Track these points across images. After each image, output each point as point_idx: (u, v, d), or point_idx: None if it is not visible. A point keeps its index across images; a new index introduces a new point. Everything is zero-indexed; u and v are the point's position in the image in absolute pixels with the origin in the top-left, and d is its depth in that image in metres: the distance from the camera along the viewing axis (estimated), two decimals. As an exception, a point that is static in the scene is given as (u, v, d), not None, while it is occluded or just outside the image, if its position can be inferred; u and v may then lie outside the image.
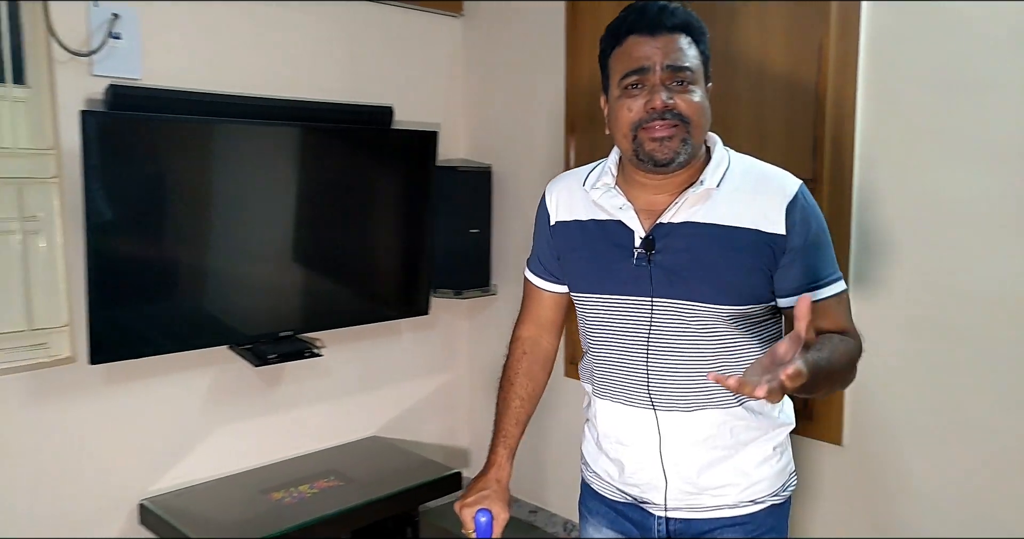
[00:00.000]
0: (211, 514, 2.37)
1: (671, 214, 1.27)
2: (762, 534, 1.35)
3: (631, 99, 1.22)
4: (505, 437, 1.45)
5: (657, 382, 1.30)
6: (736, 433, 1.32)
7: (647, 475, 1.35)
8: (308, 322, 2.69)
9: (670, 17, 1.22)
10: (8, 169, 2.20)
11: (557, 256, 1.42)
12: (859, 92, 2.07)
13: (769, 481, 1.36)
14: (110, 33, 2.27)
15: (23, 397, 2.25)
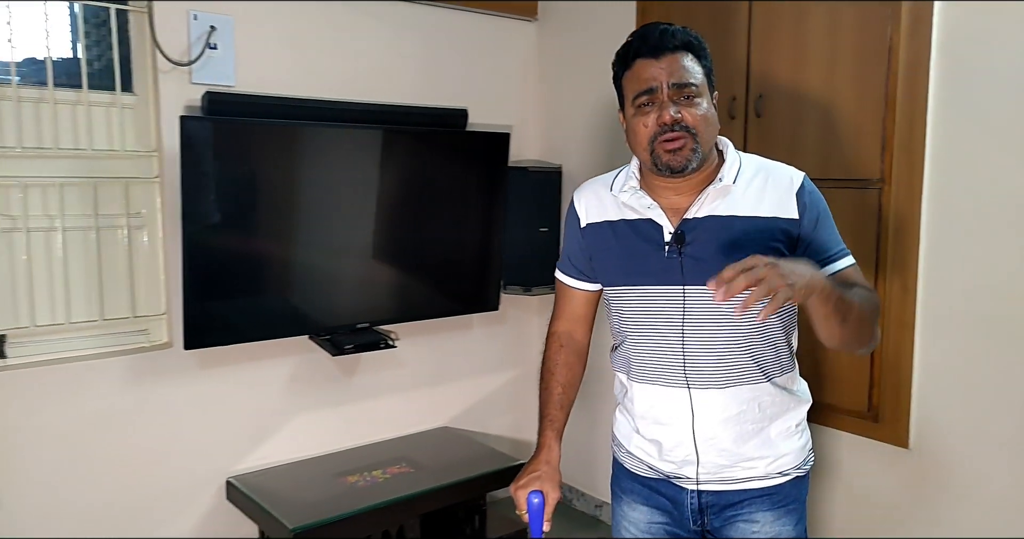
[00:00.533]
0: (290, 493, 2.53)
1: (695, 210, 1.41)
2: (787, 504, 1.47)
3: (644, 116, 1.37)
4: (552, 421, 1.56)
5: (692, 362, 1.42)
6: (764, 408, 1.45)
7: (683, 452, 1.46)
8: (384, 315, 2.82)
9: (671, 39, 1.36)
10: (116, 170, 2.42)
11: (589, 256, 1.54)
12: (931, 92, 2.05)
13: (794, 454, 1.48)
14: (207, 44, 2.46)
15: (127, 377, 2.46)
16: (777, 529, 1.47)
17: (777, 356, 1.47)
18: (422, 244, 2.89)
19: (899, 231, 2.12)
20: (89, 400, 2.39)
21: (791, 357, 1.51)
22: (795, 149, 2.31)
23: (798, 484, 1.50)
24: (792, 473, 1.48)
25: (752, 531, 1.46)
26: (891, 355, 2.16)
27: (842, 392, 2.27)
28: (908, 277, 2.11)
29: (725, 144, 1.47)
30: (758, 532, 1.46)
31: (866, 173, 2.16)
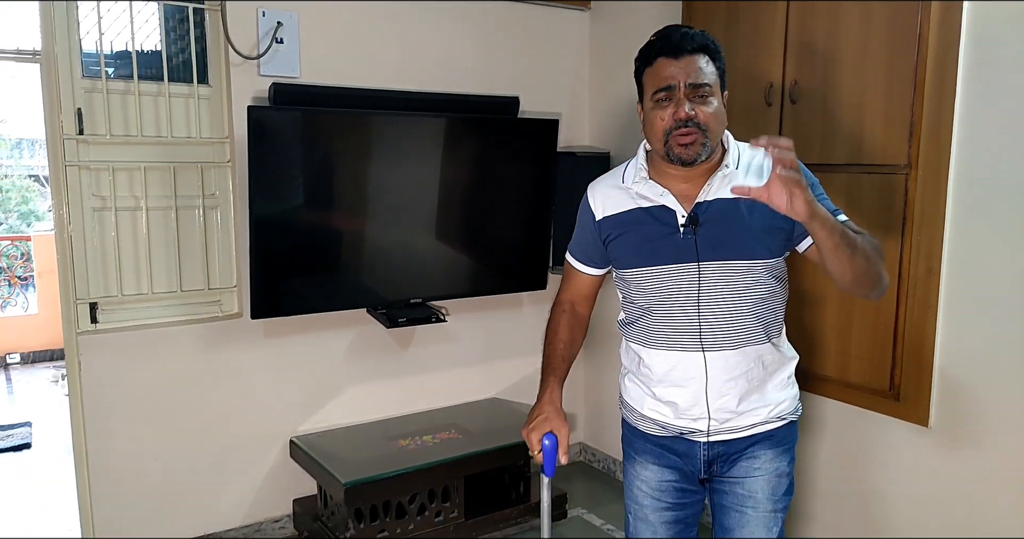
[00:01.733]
0: (345, 453, 2.75)
1: (705, 194, 1.57)
2: (783, 444, 1.66)
3: (662, 110, 1.51)
4: (554, 370, 1.72)
5: (708, 328, 1.58)
6: (766, 365, 1.63)
7: (697, 410, 1.62)
8: (436, 291, 3.01)
9: (690, 41, 1.50)
10: (193, 155, 2.66)
11: (604, 245, 1.68)
12: (959, 79, 2.07)
13: (788, 402, 1.68)
14: (275, 38, 2.67)
15: (201, 343, 2.72)
16: (775, 465, 1.65)
17: (776, 318, 1.64)
18: (474, 225, 3.06)
19: (924, 215, 2.16)
20: (168, 362, 2.67)
21: (783, 320, 1.69)
22: (827, 135, 2.36)
23: (791, 427, 1.70)
24: (788, 418, 1.67)
25: (754, 467, 1.64)
26: (914, 336, 2.21)
27: (864, 371, 2.33)
28: (933, 260, 2.16)
29: (727, 136, 1.61)
30: (759, 467, 1.64)
31: (894, 159, 2.20)
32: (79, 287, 2.54)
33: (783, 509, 1.66)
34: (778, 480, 1.65)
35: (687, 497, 1.71)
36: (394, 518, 2.67)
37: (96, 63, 2.52)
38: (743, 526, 1.65)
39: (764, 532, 1.64)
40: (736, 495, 1.66)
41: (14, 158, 11.52)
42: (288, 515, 2.95)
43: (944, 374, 2.18)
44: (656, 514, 1.72)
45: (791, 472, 1.68)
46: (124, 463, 2.63)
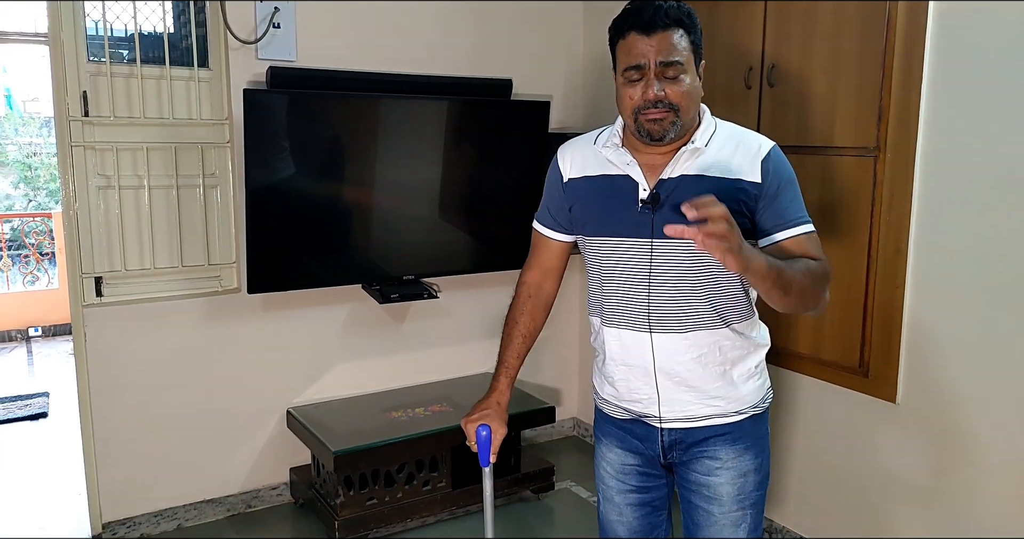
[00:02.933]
0: (338, 423, 2.87)
1: (670, 171, 1.51)
2: (747, 441, 1.60)
3: (632, 88, 1.47)
4: (507, 368, 1.73)
5: (656, 308, 1.54)
6: (724, 351, 1.56)
7: (646, 391, 1.59)
8: (429, 268, 3.11)
9: (663, 18, 1.44)
10: (194, 136, 2.77)
11: (569, 207, 1.64)
12: (926, 63, 2.12)
13: (752, 395, 1.61)
14: (272, 23, 2.76)
15: (202, 317, 2.84)
16: (738, 464, 1.58)
17: (736, 304, 1.57)
18: (467, 203, 3.15)
19: (893, 196, 2.21)
20: (170, 335, 2.79)
21: (750, 305, 1.61)
22: (803, 117, 2.41)
23: (757, 421, 1.62)
24: (749, 411, 1.60)
25: (715, 467, 1.59)
26: (882, 314, 2.27)
27: (835, 348, 2.39)
28: (901, 240, 2.21)
29: (703, 110, 1.56)
30: (721, 467, 1.58)
31: (864, 142, 2.25)
32: (85, 262, 2.67)
33: (752, 505, 1.62)
34: (743, 479, 1.60)
35: (650, 481, 1.69)
36: (383, 486, 2.78)
37: (101, 47, 2.63)
38: (710, 525, 1.62)
39: (731, 530, 1.60)
40: (700, 495, 1.62)
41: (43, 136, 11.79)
42: (285, 483, 3.09)
43: (911, 351, 2.24)
44: (621, 496, 1.71)
45: (759, 467, 1.62)
46: (128, 430, 2.77)
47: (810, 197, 2.30)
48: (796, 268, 1.43)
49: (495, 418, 1.69)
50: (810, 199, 2.25)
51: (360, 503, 2.74)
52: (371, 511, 2.75)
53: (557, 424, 3.66)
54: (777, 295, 1.40)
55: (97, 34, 2.62)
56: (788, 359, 2.55)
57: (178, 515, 2.90)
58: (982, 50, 2.01)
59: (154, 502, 2.86)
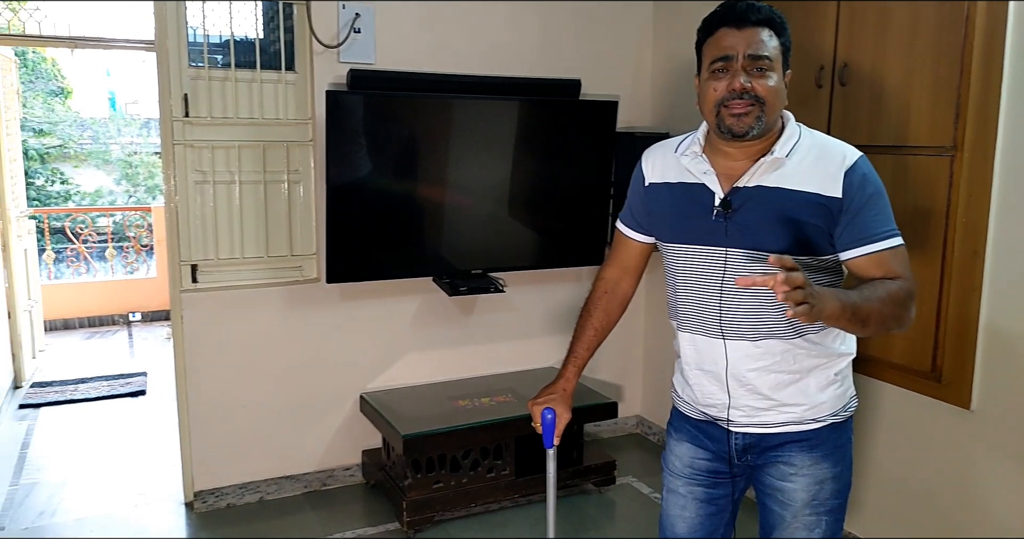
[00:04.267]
0: (408, 409, 3.00)
1: (747, 179, 1.50)
2: (825, 449, 1.57)
3: (717, 81, 1.46)
4: (576, 358, 1.77)
5: (728, 315, 1.53)
6: (799, 360, 1.54)
7: (719, 397, 1.59)
8: (497, 263, 3.21)
9: (755, 13, 1.44)
10: (280, 135, 2.95)
11: (649, 212, 1.67)
12: (1007, 60, 2.07)
13: (830, 403, 1.57)
14: (353, 28, 2.91)
15: (284, 304, 3.03)
16: (813, 472, 1.56)
17: None
18: (535, 201, 3.23)
19: (971, 197, 2.17)
20: (256, 320, 2.98)
21: None
22: (875, 117, 2.39)
23: (836, 429, 1.58)
24: (827, 420, 1.56)
25: (790, 473, 1.58)
26: (957, 318, 2.22)
27: (906, 352, 2.36)
28: (978, 242, 2.17)
29: (788, 117, 1.53)
30: (795, 474, 1.57)
31: (940, 141, 2.22)
32: (183, 250, 2.88)
33: (828, 512, 1.59)
34: (819, 487, 1.57)
35: (719, 478, 1.67)
36: (449, 471, 2.90)
37: (200, 53, 2.83)
38: (782, 528, 1.62)
39: (804, 533, 1.59)
40: (775, 499, 1.62)
41: (142, 136, 12.51)
42: (357, 464, 3.25)
43: (987, 356, 2.19)
44: (687, 488, 1.70)
45: (838, 476, 1.59)
46: (217, 408, 2.98)
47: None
48: (875, 297, 1.39)
49: (560, 403, 1.75)
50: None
51: (427, 486, 2.86)
52: (437, 494, 2.87)
53: (620, 421, 3.71)
54: (854, 329, 1.40)
55: (196, 41, 2.83)
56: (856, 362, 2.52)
57: (260, 489, 3.09)
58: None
59: (239, 475, 3.06)
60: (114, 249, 6.59)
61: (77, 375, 4.78)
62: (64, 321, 6.04)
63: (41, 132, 11.34)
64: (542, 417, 1.74)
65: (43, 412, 4.17)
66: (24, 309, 4.66)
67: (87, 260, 6.69)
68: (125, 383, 4.60)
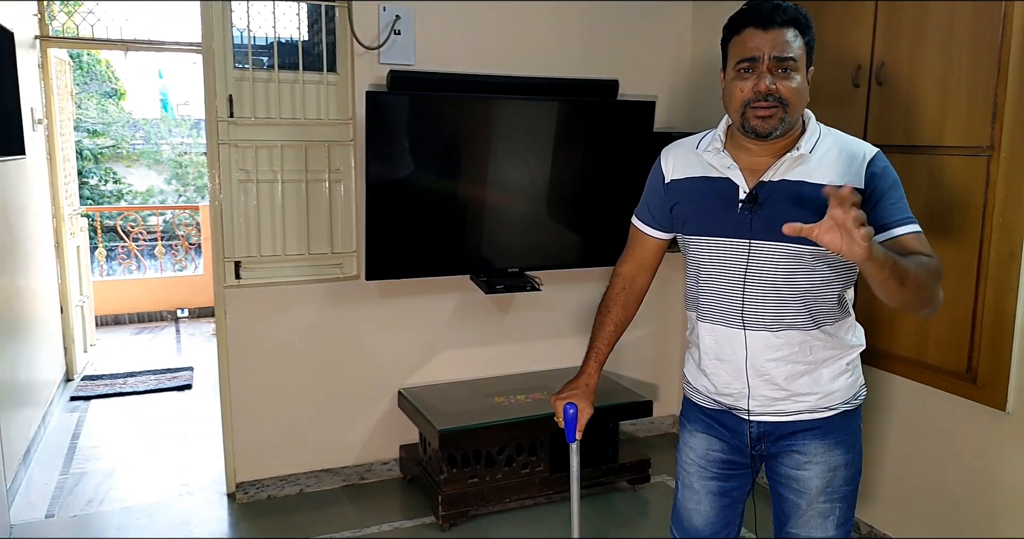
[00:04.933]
0: (445, 405, 3.05)
1: (771, 174, 1.54)
2: (837, 436, 1.62)
3: (743, 81, 1.50)
4: (597, 353, 1.81)
5: (750, 306, 1.58)
6: (815, 351, 1.59)
7: (738, 385, 1.63)
8: (533, 262, 3.24)
9: (781, 14, 1.48)
10: (322, 134, 3.02)
11: (670, 207, 1.70)
12: (1046, 58, 2.05)
13: (842, 392, 1.62)
14: (393, 30, 2.97)
15: (325, 301, 3.10)
16: (827, 459, 1.61)
17: (829, 307, 1.58)
18: (572, 200, 3.26)
19: (1008, 197, 2.14)
20: (297, 316, 3.06)
21: (843, 308, 1.61)
22: (911, 116, 2.37)
23: (848, 417, 1.64)
24: (839, 408, 1.62)
25: (804, 461, 1.62)
26: (993, 319, 2.20)
27: (941, 352, 2.34)
28: (1015, 242, 2.14)
29: (808, 116, 1.58)
30: (810, 462, 1.62)
31: (976, 141, 2.19)
32: (227, 247, 2.97)
33: (842, 498, 1.64)
34: (832, 474, 1.62)
35: (733, 469, 1.72)
36: (484, 466, 2.94)
37: (245, 55, 2.92)
38: (798, 516, 1.66)
39: (819, 522, 1.64)
40: (790, 487, 1.66)
41: (192, 137, 12.82)
42: (395, 459, 3.31)
43: (1023, 358, 2.16)
44: (701, 482, 1.74)
45: (850, 463, 1.64)
46: (259, 401, 3.07)
47: (918, 197, 2.31)
48: (911, 261, 1.41)
49: (582, 398, 1.78)
50: (918, 199, 2.28)
51: (462, 480, 2.91)
52: (472, 489, 2.91)
53: (656, 420, 3.71)
54: (893, 286, 1.37)
55: (242, 43, 2.92)
56: (890, 362, 2.51)
57: (300, 481, 3.17)
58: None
59: (280, 468, 3.14)
60: (163, 247, 6.79)
61: (126, 369, 4.94)
62: (114, 316, 6.24)
63: (95, 133, 11.70)
64: (564, 412, 1.77)
65: (93, 404, 4.32)
66: (76, 304, 4.83)
67: (137, 258, 6.89)
68: (172, 377, 4.74)
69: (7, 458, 2.96)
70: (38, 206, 4.16)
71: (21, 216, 3.70)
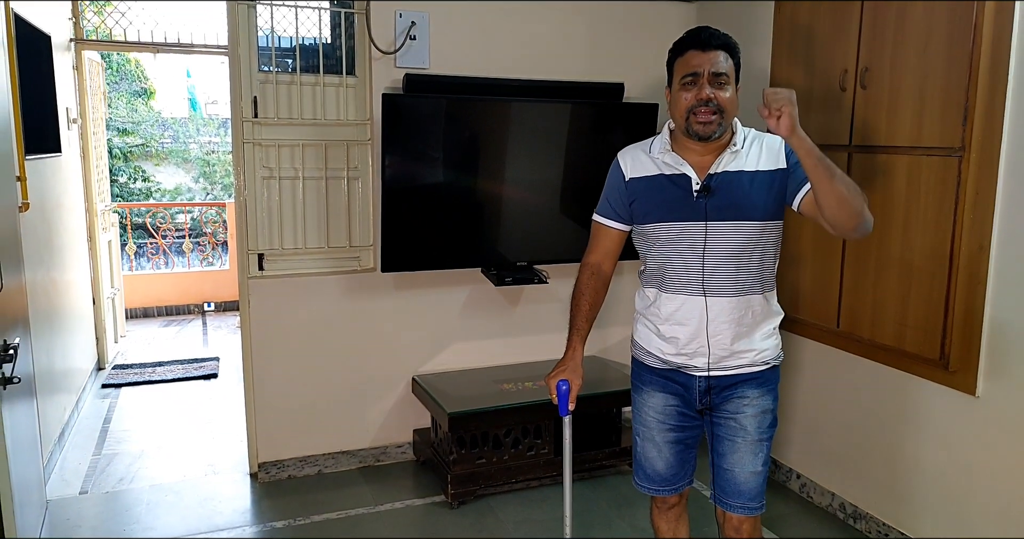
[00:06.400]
0: (455, 390, 3.23)
1: (716, 167, 1.90)
2: (767, 385, 1.97)
3: (687, 92, 1.86)
4: (579, 330, 2.07)
5: (709, 277, 1.90)
6: (755, 314, 1.94)
7: (696, 345, 1.94)
8: (541, 256, 3.41)
9: (715, 39, 1.85)
10: (341, 134, 3.21)
11: (631, 202, 1.99)
12: (1012, 65, 2.18)
13: (772, 350, 1.98)
14: (409, 35, 3.15)
15: (342, 292, 3.29)
16: (760, 403, 1.96)
17: (770, 276, 1.96)
18: (579, 197, 3.41)
19: (978, 194, 2.27)
20: (317, 305, 3.25)
21: (774, 277, 1.99)
22: (893, 119, 2.50)
23: (774, 371, 2.00)
24: (771, 362, 1.98)
25: (743, 404, 1.95)
26: (963, 309, 2.33)
27: (918, 340, 2.47)
28: (984, 237, 2.27)
29: (735, 121, 1.94)
30: (747, 405, 1.95)
31: (950, 142, 2.32)
32: (251, 240, 3.16)
33: (768, 439, 1.98)
34: (763, 415, 1.96)
35: (687, 421, 2.02)
36: (491, 448, 3.11)
37: (269, 58, 3.11)
38: (734, 452, 1.97)
39: (752, 456, 1.96)
40: (729, 427, 1.97)
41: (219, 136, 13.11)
42: (409, 442, 3.49)
43: (993, 346, 2.30)
44: (661, 435, 2.04)
45: (775, 409, 1.99)
46: (280, 386, 3.26)
47: (898, 194, 2.45)
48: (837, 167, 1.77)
49: (571, 373, 2.02)
50: (898, 196, 2.42)
51: (471, 461, 3.08)
52: (480, 469, 3.08)
53: (660, 408, 3.86)
54: (826, 176, 1.70)
55: (267, 46, 3.11)
56: (873, 351, 2.65)
57: (318, 462, 3.36)
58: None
59: (300, 449, 3.33)
60: (191, 243, 7.04)
61: (155, 359, 5.18)
62: (144, 309, 6.49)
63: (125, 131, 12.02)
64: (557, 388, 1.99)
65: (124, 391, 4.55)
66: (107, 297, 5.07)
67: (166, 253, 7.15)
68: (199, 367, 4.96)
69: (43, 440, 3.18)
70: (72, 202, 4.40)
71: (57, 212, 3.93)
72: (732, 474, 1.97)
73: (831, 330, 2.83)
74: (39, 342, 3.39)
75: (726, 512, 2.01)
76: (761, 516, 2.03)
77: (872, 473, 2.78)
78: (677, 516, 2.19)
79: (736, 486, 1.97)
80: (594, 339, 3.61)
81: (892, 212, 2.52)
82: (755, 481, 1.97)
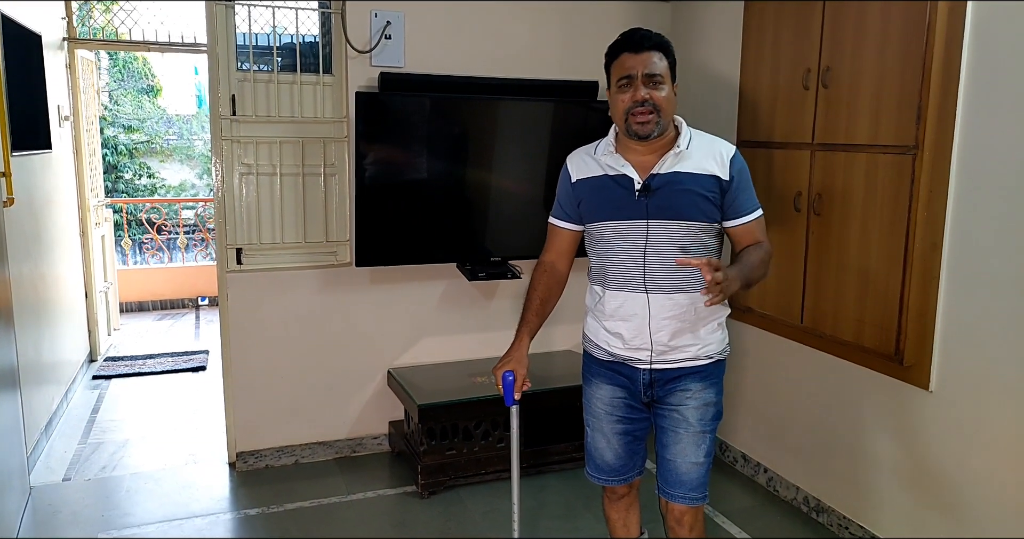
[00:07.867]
0: (428, 383, 3.29)
1: (659, 167, 1.94)
2: (710, 378, 2.01)
3: (623, 94, 1.90)
4: (527, 323, 2.12)
5: (650, 274, 1.94)
6: (698, 311, 1.97)
7: (640, 340, 1.98)
8: (515, 251, 3.45)
9: (648, 41, 1.90)
10: (319, 132, 3.27)
11: (578, 202, 2.05)
12: (963, 65, 2.21)
13: (716, 344, 2.03)
14: (384, 35, 3.20)
15: (319, 286, 3.35)
16: (703, 396, 2.00)
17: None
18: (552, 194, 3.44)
19: (931, 192, 2.31)
20: (294, 299, 3.31)
21: None
22: (852, 117, 2.54)
23: (719, 366, 2.04)
24: (715, 357, 2.02)
25: (686, 397, 2.00)
26: (918, 304, 2.37)
27: (875, 337, 2.50)
28: (937, 234, 2.31)
29: (680, 121, 1.98)
30: (690, 397, 1.99)
31: (904, 140, 2.36)
32: (229, 235, 3.23)
33: (711, 430, 2.02)
34: (706, 408, 2.00)
35: (635, 413, 2.07)
36: (462, 439, 3.17)
37: (247, 57, 3.17)
38: (677, 443, 2.01)
39: (694, 447, 2.00)
40: (672, 419, 2.01)
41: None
42: (385, 434, 3.55)
43: (946, 341, 2.34)
44: (610, 426, 2.09)
45: (719, 402, 2.04)
46: (258, 378, 3.32)
47: (856, 193, 2.50)
48: (754, 264, 1.92)
49: (516, 364, 2.11)
50: (856, 195, 2.48)
51: (441, 452, 3.14)
52: (450, 460, 3.14)
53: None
54: (743, 290, 1.91)
55: (245, 45, 3.17)
56: (834, 346, 2.69)
57: (295, 452, 3.43)
58: (1019, 51, 2.08)
59: (277, 439, 3.40)
60: (185, 239, 7.12)
61: (146, 351, 5.26)
62: (139, 303, 6.58)
63: (130, 128, 12.14)
64: (503, 379, 2.06)
65: (114, 383, 4.64)
66: (100, 290, 5.15)
67: (162, 248, 7.24)
68: (188, 359, 5.04)
69: (29, 428, 3.25)
70: (63, 197, 4.47)
71: (46, 206, 4.00)
72: (675, 464, 2.01)
73: (795, 326, 2.87)
74: (26, 334, 3.46)
75: (669, 502, 2.05)
76: (703, 507, 2.07)
77: (834, 467, 2.82)
78: (627, 506, 2.24)
79: (678, 476, 2.01)
80: (568, 333, 3.69)
81: (851, 210, 2.55)
82: (697, 472, 2.01)
